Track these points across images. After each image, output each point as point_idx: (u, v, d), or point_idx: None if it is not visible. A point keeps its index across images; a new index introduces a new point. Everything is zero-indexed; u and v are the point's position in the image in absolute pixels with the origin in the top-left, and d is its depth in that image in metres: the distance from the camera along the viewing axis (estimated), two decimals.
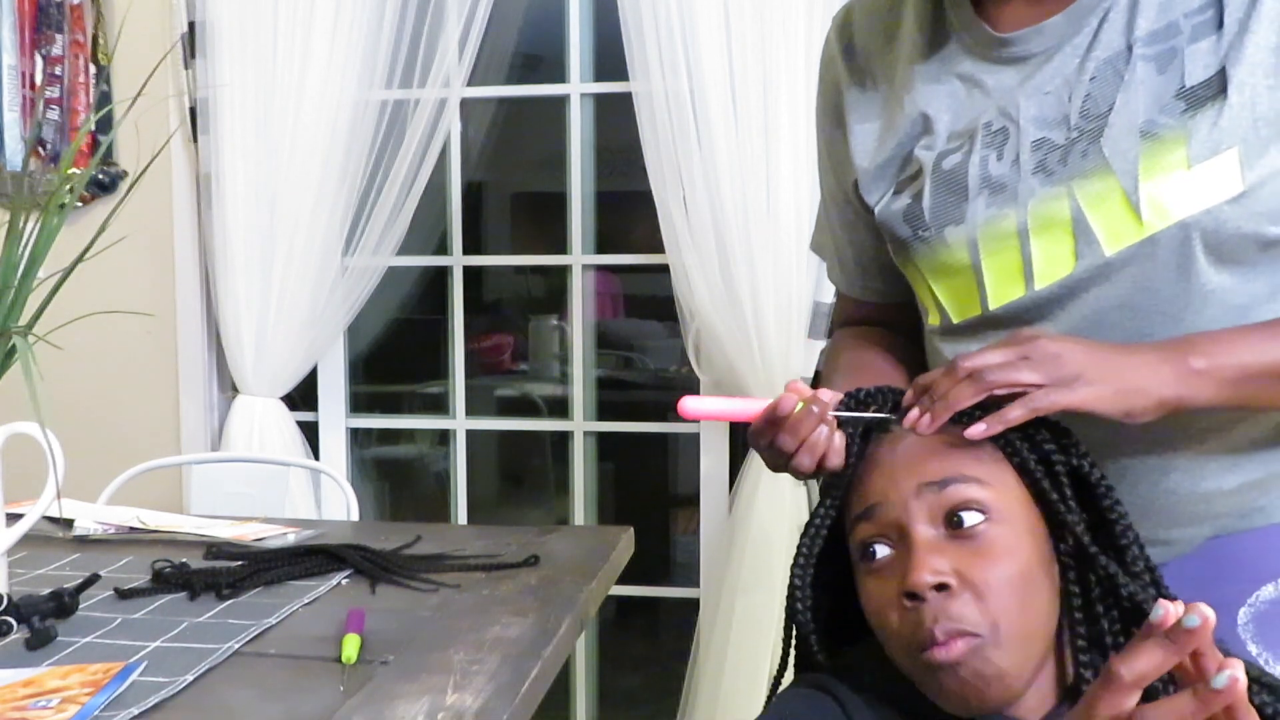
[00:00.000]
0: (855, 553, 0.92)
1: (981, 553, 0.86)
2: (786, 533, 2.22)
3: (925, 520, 0.88)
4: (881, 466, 0.92)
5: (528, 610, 1.26)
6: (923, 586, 0.85)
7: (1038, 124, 1.02)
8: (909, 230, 1.09)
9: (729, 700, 2.23)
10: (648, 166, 2.27)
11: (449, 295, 2.63)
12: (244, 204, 2.40)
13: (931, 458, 0.90)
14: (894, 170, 1.12)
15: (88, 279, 1.36)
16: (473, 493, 2.65)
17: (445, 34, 2.37)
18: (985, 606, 0.85)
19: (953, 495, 0.88)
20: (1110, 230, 0.98)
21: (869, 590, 0.90)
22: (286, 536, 1.58)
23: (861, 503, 0.92)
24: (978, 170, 1.04)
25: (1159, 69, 0.99)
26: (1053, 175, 1.00)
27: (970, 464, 0.90)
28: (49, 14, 2.50)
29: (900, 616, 0.87)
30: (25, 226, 1.23)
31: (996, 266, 1.04)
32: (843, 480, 0.95)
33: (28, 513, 1.22)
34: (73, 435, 1.37)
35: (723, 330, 2.23)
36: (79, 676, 1.04)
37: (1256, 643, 1.02)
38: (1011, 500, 0.89)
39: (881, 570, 0.89)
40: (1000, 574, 0.86)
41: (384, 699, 1.01)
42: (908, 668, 0.88)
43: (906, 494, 0.89)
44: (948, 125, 1.09)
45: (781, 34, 2.14)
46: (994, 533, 0.87)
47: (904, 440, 0.93)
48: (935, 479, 0.89)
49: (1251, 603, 1.03)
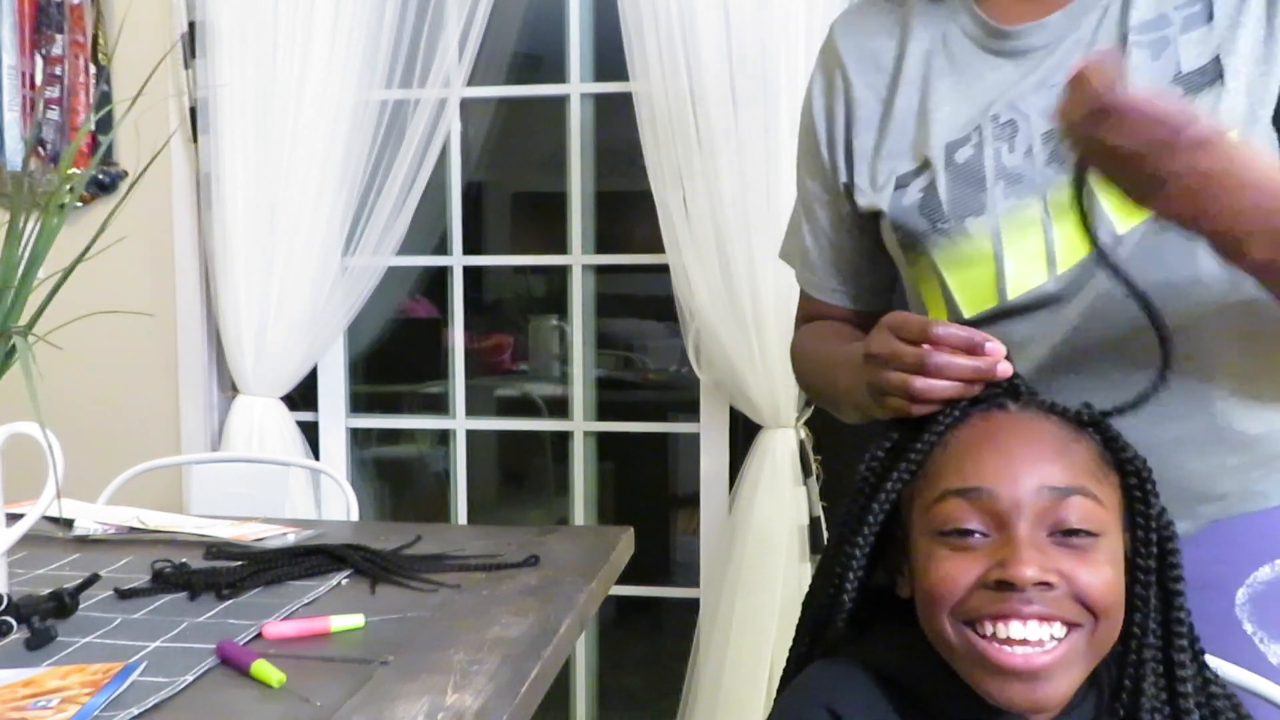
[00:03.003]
0: (932, 523, 0.88)
1: (1084, 560, 0.85)
2: (786, 533, 2.22)
3: (1035, 521, 0.85)
4: (996, 448, 0.88)
5: (528, 610, 1.26)
6: (1027, 581, 0.82)
7: (1046, 116, 1.05)
8: (926, 223, 1.10)
9: (729, 700, 2.23)
10: (648, 166, 2.26)
11: (449, 295, 2.63)
12: (244, 204, 2.40)
13: (1057, 457, 0.87)
14: (893, 164, 1.13)
15: (88, 279, 1.35)
16: (473, 493, 2.65)
17: (445, 34, 2.37)
18: (1084, 606, 0.84)
19: (1073, 507, 0.85)
20: (1121, 210, 1.01)
21: (943, 564, 0.87)
22: (286, 536, 1.58)
23: (961, 478, 0.88)
24: (993, 162, 1.06)
25: (1153, 56, 1.03)
26: (1065, 163, 1.02)
27: (1092, 477, 0.87)
28: (49, 14, 2.50)
29: (982, 597, 0.84)
30: (25, 226, 1.23)
31: (1019, 254, 1.06)
32: (926, 441, 0.91)
33: (28, 513, 1.22)
34: (73, 435, 1.37)
35: (723, 330, 2.23)
36: (79, 676, 1.04)
37: (1253, 622, 1.05)
38: (1116, 524, 0.88)
39: (966, 550, 0.86)
40: (1100, 580, 0.85)
41: (384, 699, 1.01)
42: (950, 636, 0.86)
43: (1024, 491, 0.85)
44: (948, 116, 1.10)
45: (781, 34, 2.14)
46: (1098, 546, 0.86)
47: (1022, 422, 0.90)
48: (1059, 484, 0.86)
49: (1249, 583, 1.05)
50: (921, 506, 0.90)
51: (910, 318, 0.94)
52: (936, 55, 1.13)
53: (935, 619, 0.87)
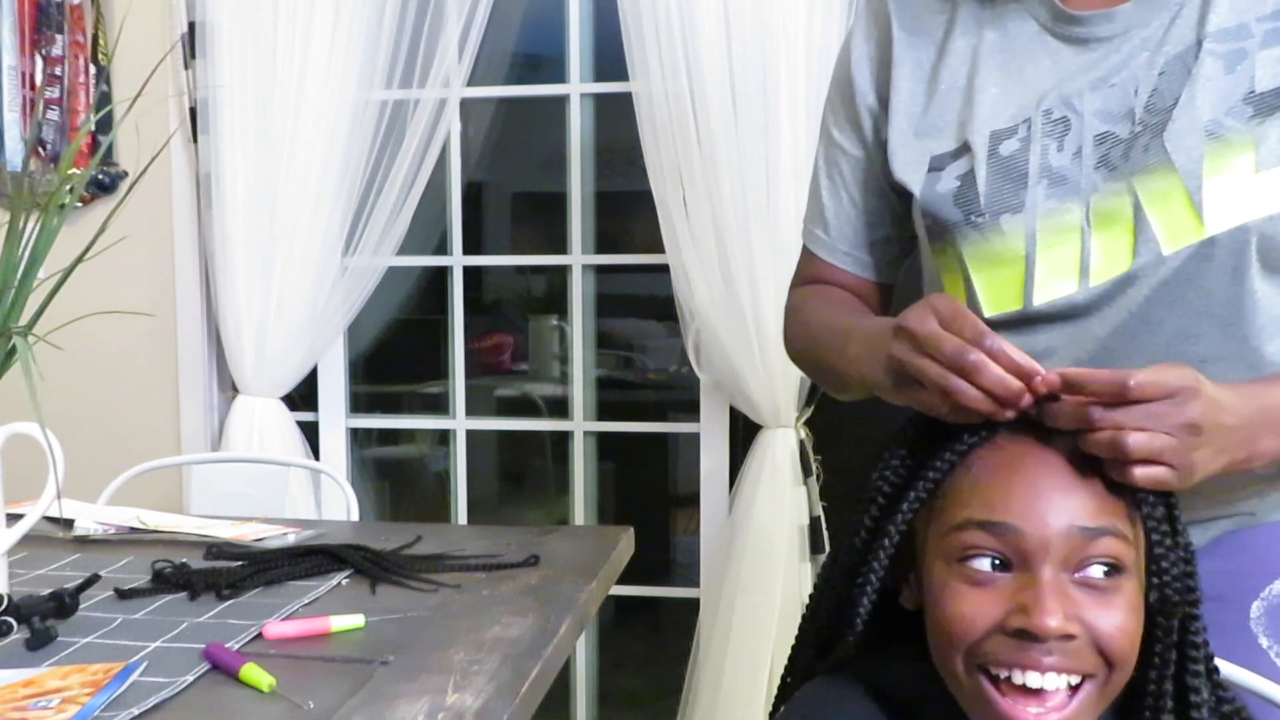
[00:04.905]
0: (950, 549, 0.85)
1: (1106, 603, 0.83)
2: (786, 533, 2.22)
3: (1060, 562, 0.82)
4: (1026, 480, 0.84)
5: (528, 610, 1.26)
6: (1051, 633, 0.80)
7: (1102, 117, 1.00)
8: (959, 214, 1.04)
9: (729, 700, 2.22)
10: (648, 166, 2.27)
11: (449, 295, 2.63)
12: (244, 204, 2.40)
13: (1085, 494, 0.84)
14: (929, 143, 1.08)
15: (88, 279, 1.35)
16: (473, 493, 2.65)
17: (445, 34, 2.37)
18: (1102, 655, 0.82)
19: (1103, 547, 0.82)
20: (1170, 229, 0.96)
21: (959, 601, 0.84)
22: (286, 536, 1.58)
23: (986, 509, 0.84)
24: (1038, 160, 1.01)
25: (1227, 68, 0.97)
26: (1115, 170, 0.99)
27: (1122, 516, 0.84)
28: (49, 14, 2.49)
29: (999, 643, 0.82)
30: (25, 226, 1.23)
31: (1051, 260, 1.01)
32: (947, 460, 0.87)
33: (28, 513, 1.22)
34: (73, 435, 1.37)
35: (723, 330, 2.23)
36: (79, 677, 1.04)
37: (1268, 635, 1.02)
38: (1139, 562, 0.86)
39: (985, 583, 0.83)
40: (1121, 629, 0.83)
41: (384, 699, 1.01)
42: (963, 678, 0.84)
43: (1053, 530, 0.82)
44: (995, 100, 1.04)
45: (781, 34, 2.14)
46: (1121, 588, 0.83)
47: (1052, 453, 0.85)
48: (1090, 524, 0.82)
49: (1264, 596, 1.03)
50: (939, 530, 0.86)
51: (964, 312, 0.87)
52: (989, 30, 1.07)
53: (948, 658, 0.85)
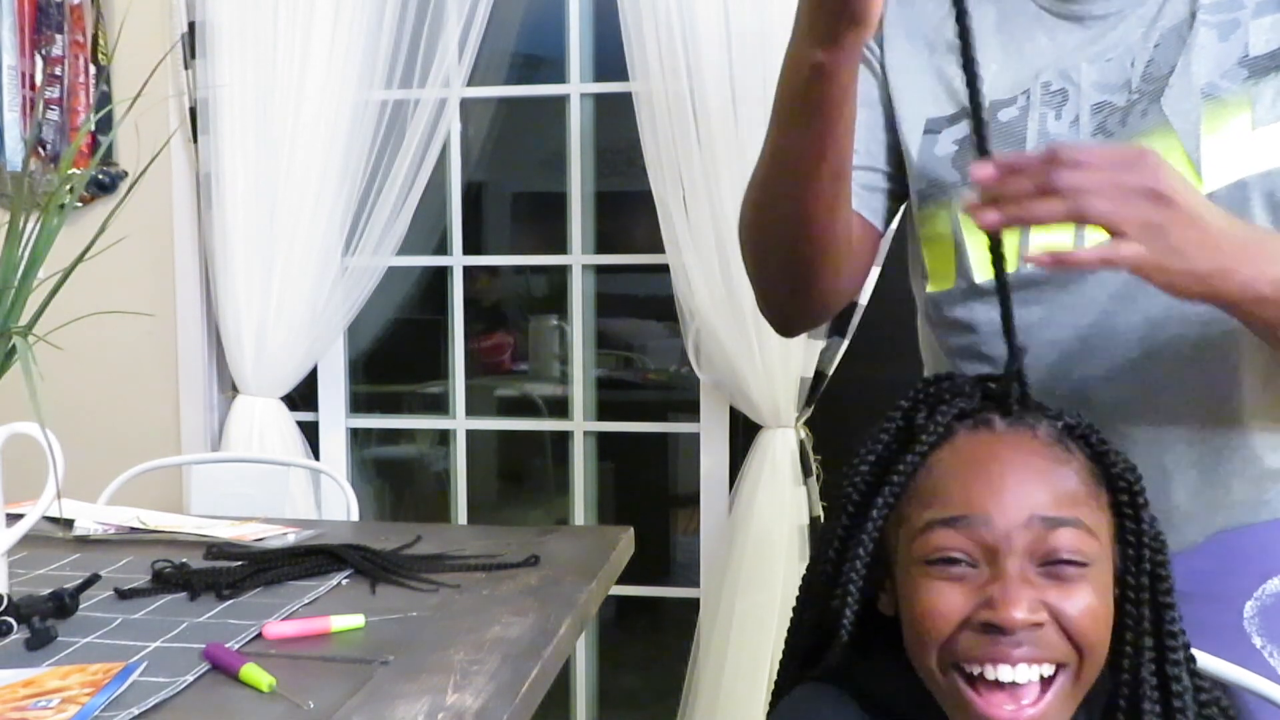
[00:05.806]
0: (918, 553, 0.86)
1: (1071, 590, 0.83)
2: (786, 533, 2.22)
3: (1024, 554, 0.83)
4: (984, 475, 0.85)
5: (528, 610, 1.26)
6: (1017, 625, 0.81)
7: (1099, 88, 1.03)
8: (957, 175, 1.06)
9: (729, 700, 2.22)
10: (648, 166, 2.26)
11: (449, 295, 2.63)
12: (244, 204, 2.40)
13: (1047, 483, 0.84)
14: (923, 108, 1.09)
15: (88, 279, 1.35)
16: (473, 493, 2.65)
17: (445, 34, 2.37)
18: (1071, 642, 0.83)
19: (1063, 539, 0.83)
20: None
21: (929, 594, 0.84)
22: (286, 536, 1.58)
23: (948, 506, 0.85)
24: (1036, 126, 1.04)
25: (1221, 36, 1.00)
26: (1112, 136, 1.01)
27: (1083, 503, 0.85)
28: (49, 14, 2.49)
29: (969, 640, 0.83)
30: (25, 226, 1.23)
31: None
32: (909, 462, 0.87)
33: (28, 513, 1.22)
34: (73, 435, 1.37)
35: (723, 330, 2.23)
36: (79, 677, 1.04)
37: (1262, 635, 1.02)
38: (1106, 550, 0.86)
39: (953, 580, 0.84)
40: (1088, 614, 0.83)
41: (384, 699, 1.01)
42: (939, 677, 0.85)
43: (1013, 522, 0.83)
44: (994, 75, 1.06)
45: (782, 34, 2.11)
46: (1087, 576, 0.84)
47: (1009, 446, 0.86)
48: (1050, 514, 0.83)
49: (1258, 596, 1.03)
50: (908, 534, 0.87)
51: None
52: (989, 8, 1.09)
53: (924, 659, 0.86)
